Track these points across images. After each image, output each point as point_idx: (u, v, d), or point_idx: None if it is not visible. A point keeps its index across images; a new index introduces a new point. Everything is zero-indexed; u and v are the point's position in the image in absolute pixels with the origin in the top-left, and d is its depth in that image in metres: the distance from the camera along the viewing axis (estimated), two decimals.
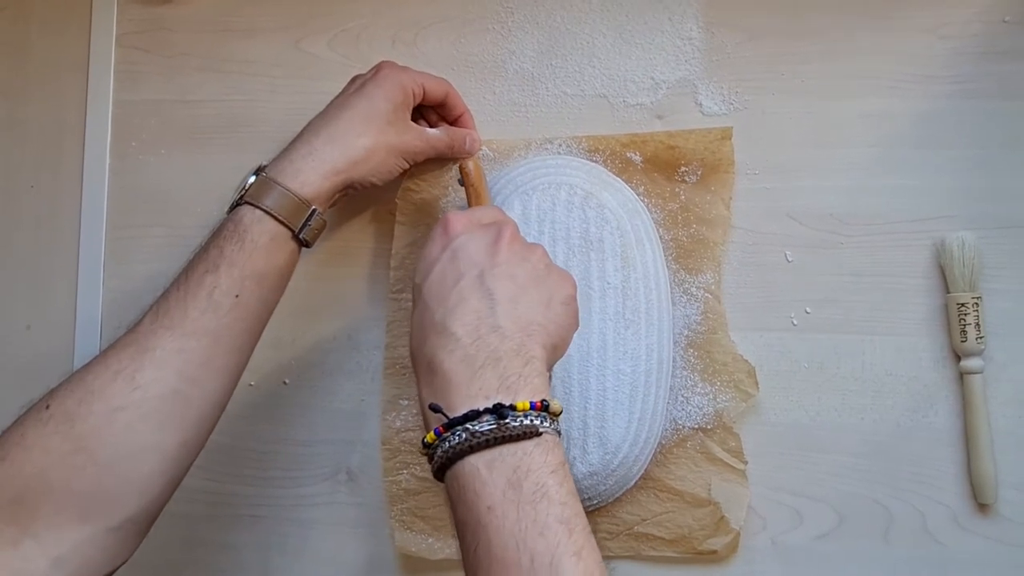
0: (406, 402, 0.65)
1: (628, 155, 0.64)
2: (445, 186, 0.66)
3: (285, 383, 0.66)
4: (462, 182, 0.60)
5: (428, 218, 0.66)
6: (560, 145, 0.65)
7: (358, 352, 0.66)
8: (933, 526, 0.59)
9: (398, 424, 0.65)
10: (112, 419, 0.49)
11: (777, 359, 0.62)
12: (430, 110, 0.66)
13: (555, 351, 0.49)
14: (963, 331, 0.59)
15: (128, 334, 0.52)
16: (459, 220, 0.51)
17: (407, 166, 0.63)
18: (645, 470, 0.61)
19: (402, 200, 0.66)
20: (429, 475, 0.62)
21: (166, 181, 0.70)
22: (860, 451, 0.60)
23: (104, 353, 0.52)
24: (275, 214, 0.56)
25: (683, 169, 0.63)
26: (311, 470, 0.65)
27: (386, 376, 0.65)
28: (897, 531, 0.59)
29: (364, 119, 0.59)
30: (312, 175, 0.57)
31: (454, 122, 0.66)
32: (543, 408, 0.43)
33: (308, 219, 0.57)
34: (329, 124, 0.59)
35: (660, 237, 0.63)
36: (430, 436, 0.44)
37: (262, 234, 0.55)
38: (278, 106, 0.70)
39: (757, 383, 0.61)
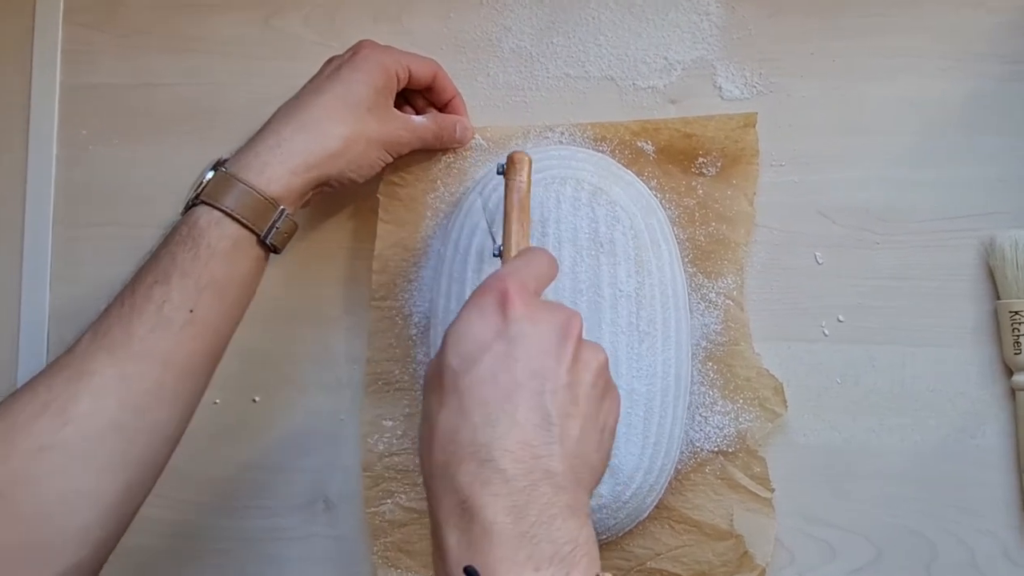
0: (390, 423, 0.60)
1: (639, 144, 0.60)
2: (433, 179, 0.62)
3: (254, 401, 0.63)
4: (503, 171, 0.51)
5: (415, 216, 0.62)
6: (562, 133, 0.61)
7: (336, 366, 0.62)
8: (982, 561, 0.55)
9: (381, 447, 0.60)
10: (39, 460, 0.43)
11: (806, 373, 0.58)
12: (416, 95, 0.61)
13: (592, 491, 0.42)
14: (1016, 342, 0.55)
15: (63, 357, 0.47)
16: (521, 293, 0.41)
17: (390, 159, 0.58)
18: (659, 499, 0.57)
19: (385, 196, 0.62)
20: (416, 504, 0.59)
21: (120, 175, 0.67)
22: (899, 477, 0.56)
23: (34, 380, 0.46)
24: (236, 215, 0.50)
25: (701, 160, 0.59)
26: (283, 499, 0.62)
27: (367, 393, 0.61)
28: (941, 567, 0.56)
29: (341, 105, 0.54)
30: (280, 170, 0.51)
31: (443, 108, 0.61)
32: None
33: (276, 221, 0.52)
34: (300, 111, 0.54)
35: (675, 237, 0.59)
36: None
37: (221, 239, 0.50)
38: (246, 91, 0.65)
39: (785, 401, 0.57)
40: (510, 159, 0.51)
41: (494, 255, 0.52)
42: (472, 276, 0.56)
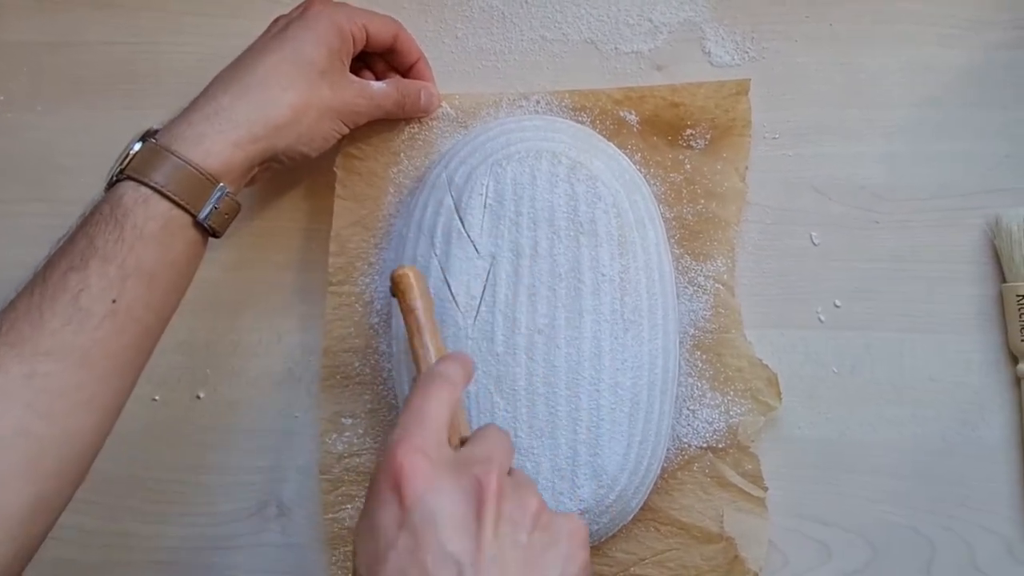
0: (349, 420, 0.56)
1: (621, 114, 0.56)
2: (396, 152, 0.57)
3: (198, 397, 0.59)
4: (394, 293, 0.46)
5: (376, 192, 0.57)
6: (538, 102, 0.57)
7: (289, 358, 0.59)
8: (983, 560, 0.54)
9: (339, 448, 0.56)
10: None
11: (801, 363, 0.56)
12: (376, 58, 0.56)
13: None
14: (1023, 327, 0.54)
15: None
16: (416, 464, 0.35)
17: (346, 130, 0.53)
18: (644, 500, 0.53)
19: (343, 169, 0.57)
20: None
21: (45, 145, 0.62)
22: (898, 472, 0.55)
23: None
24: (168, 193, 0.45)
25: (689, 132, 0.56)
26: (232, 504, 0.58)
27: (324, 388, 0.57)
28: (941, 566, 0.54)
29: (290, 69, 0.49)
30: (219, 142, 0.46)
31: (406, 73, 0.57)
32: None
33: (214, 200, 0.47)
34: (242, 75, 0.49)
35: (661, 216, 0.55)
36: None
37: (149, 219, 0.45)
38: (187, 52, 0.61)
39: (779, 392, 0.54)
40: (394, 281, 0.45)
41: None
42: (437, 259, 0.51)
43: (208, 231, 0.47)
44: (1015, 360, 0.54)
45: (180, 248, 0.46)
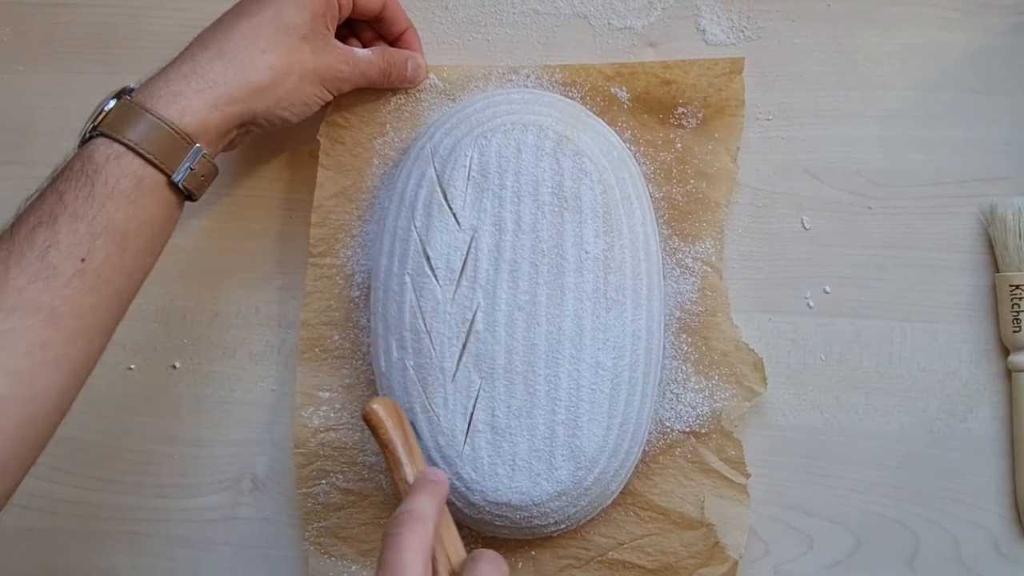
0: (327, 394, 0.55)
1: (613, 91, 0.55)
2: (382, 122, 0.56)
3: (174, 367, 0.59)
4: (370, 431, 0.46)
5: (360, 162, 0.56)
6: (528, 76, 0.56)
7: (267, 329, 0.58)
8: (969, 554, 0.54)
9: (316, 422, 0.55)
10: None
11: (788, 349, 0.55)
12: (364, 26, 0.55)
13: None
14: (1016, 319, 0.53)
15: None
16: None
17: (329, 97, 0.52)
18: (625, 484, 0.53)
19: (326, 138, 0.56)
20: (354, 486, 0.54)
21: (24, 107, 0.61)
22: (884, 462, 0.54)
23: None
24: (141, 151, 0.44)
25: (680, 110, 0.54)
26: (206, 477, 0.58)
27: (302, 361, 0.56)
28: (925, 559, 0.54)
29: (271, 31, 0.48)
30: (196, 101, 0.45)
31: (394, 42, 0.55)
32: None
33: (190, 161, 0.46)
34: (221, 36, 0.48)
35: (650, 194, 0.54)
36: None
37: (122, 177, 0.44)
38: (168, 16, 0.60)
39: (765, 378, 0.54)
40: (365, 419, 0.45)
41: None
42: (416, 231, 0.50)
43: (184, 193, 0.46)
44: (1006, 352, 0.53)
45: (153, 209, 0.45)
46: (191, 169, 0.45)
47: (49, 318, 0.41)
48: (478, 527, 0.52)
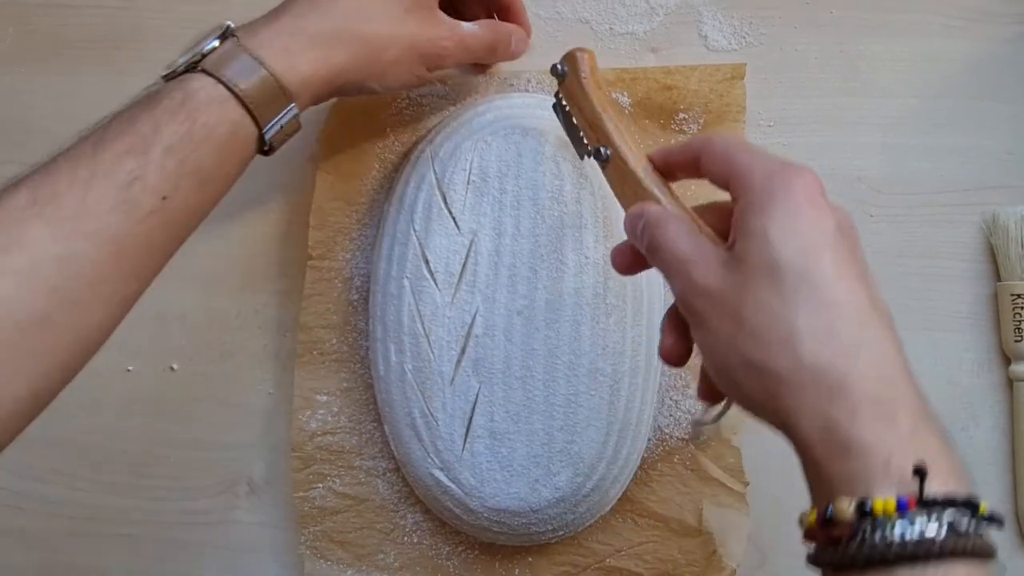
0: (324, 398, 0.55)
1: (614, 96, 0.54)
2: (383, 127, 0.56)
3: (172, 368, 0.58)
4: (560, 108, 0.46)
5: (360, 167, 0.56)
6: (529, 81, 0.56)
7: (265, 332, 0.57)
8: None
9: (313, 425, 0.55)
10: None
11: None
12: (469, 1, 0.53)
13: None
14: (1017, 328, 0.52)
15: None
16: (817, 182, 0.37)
17: (426, 76, 0.50)
18: (623, 491, 0.52)
19: (327, 142, 0.56)
20: (350, 490, 0.53)
21: (26, 107, 0.60)
22: None
23: None
24: (245, 99, 0.42)
25: (681, 116, 0.54)
26: (202, 479, 0.57)
27: (300, 364, 0.55)
28: None
29: (375, 1, 0.46)
30: (301, 60, 0.44)
31: (500, 13, 0.53)
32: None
33: (281, 117, 0.43)
34: (328, 0, 0.46)
35: None
36: (884, 504, 0.31)
37: (221, 122, 0.41)
38: (170, 17, 0.59)
39: None
40: (571, 57, 0.46)
41: (593, 157, 0.45)
42: (416, 235, 0.50)
43: (264, 147, 0.44)
44: (1008, 361, 0.53)
45: (237, 159, 0.43)
46: (281, 125, 0.44)
47: (119, 252, 0.38)
48: (475, 533, 0.51)
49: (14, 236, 0.36)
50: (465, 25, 0.50)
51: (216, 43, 0.43)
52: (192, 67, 0.42)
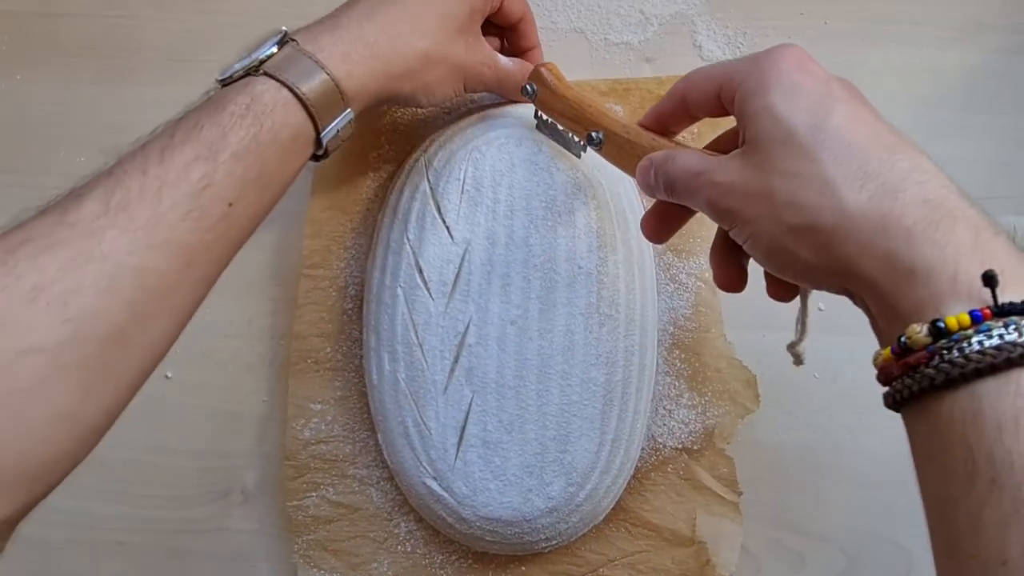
0: (318, 406, 0.55)
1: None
2: (377, 135, 0.56)
3: (166, 377, 0.57)
4: (543, 124, 0.48)
5: (354, 174, 0.55)
6: (524, 90, 0.53)
7: (259, 341, 0.57)
8: None
9: (307, 434, 0.54)
10: (17, 368, 0.32)
11: (782, 366, 0.52)
12: (491, 31, 0.53)
13: None
14: None
15: (56, 225, 0.34)
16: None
17: (463, 94, 0.51)
18: (616, 500, 0.52)
19: None
20: (344, 499, 0.53)
21: (22, 115, 0.60)
22: (878, 481, 0.53)
23: (14, 251, 0.33)
24: (309, 104, 0.42)
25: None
26: (196, 488, 0.57)
27: (294, 373, 0.55)
28: None
29: (432, 17, 0.47)
30: (360, 67, 0.44)
31: (519, 54, 0.54)
32: None
33: (338, 122, 0.44)
34: (386, 11, 0.46)
35: (644, 209, 0.52)
36: (957, 320, 0.29)
37: (285, 126, 0.41)
38: (166, 26, 0.60)
39: (758, 396, 0.53)
40: (536, 74, 0.48)
41: (586, 145, 0.47)
42: (409, 244, 0.50)
43: (319, 152, 0.44)
44: None
45: (296, 163, 0.43)
46: (337, 130, 0.44)
47: (189, 261, 0.37)
48: (469, 542, 0.51)
49: (94, 248, 0.34)
50: (503, 59, 0.52)
51: (274, 48, 0.43)
52: (251, 72, 0.42)
